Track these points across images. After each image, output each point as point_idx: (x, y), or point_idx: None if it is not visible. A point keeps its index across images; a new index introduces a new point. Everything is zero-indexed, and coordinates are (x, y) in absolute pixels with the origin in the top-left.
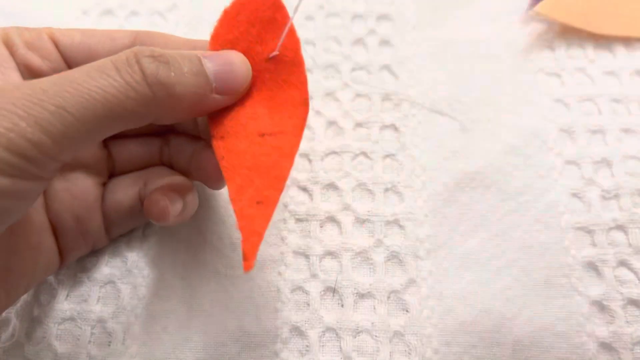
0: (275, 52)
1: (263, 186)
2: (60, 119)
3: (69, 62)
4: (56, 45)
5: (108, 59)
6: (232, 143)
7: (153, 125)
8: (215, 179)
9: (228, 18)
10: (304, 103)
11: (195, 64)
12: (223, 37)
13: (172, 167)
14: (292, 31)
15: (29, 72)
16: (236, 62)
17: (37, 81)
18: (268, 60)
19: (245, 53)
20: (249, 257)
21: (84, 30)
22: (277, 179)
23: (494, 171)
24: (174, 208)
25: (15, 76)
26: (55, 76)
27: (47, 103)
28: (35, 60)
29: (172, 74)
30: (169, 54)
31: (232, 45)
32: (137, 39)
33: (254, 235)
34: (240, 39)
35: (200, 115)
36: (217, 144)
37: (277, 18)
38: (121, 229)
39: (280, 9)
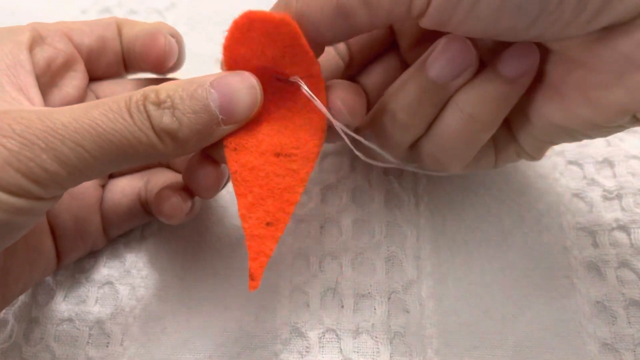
0: (295, 79)
1: (274, 208)
2: (77, 155)
3: (81, 50)
4: (69, 36)
5: (122, 100)
6: (246, 158)
7: None
8: (207, 189)
9: (239, 31)
10: (322, 129)
11: (200, 100)
12: (236, 51)
13: (169, 168)
14: (313, 58)
15: (46, 64)
16: (244, 88)
17: (59, 114)
18: (287, 82)
19: (259, 69)
20: (256, 277)
21: (86, 22)
22: (288, 202)
23: (494, 172)
24: (185, 206)
25: (29, 81)
26: (76, 109)
27: (67, 139)
28: (48, 52)
29: (175, 119)
30: (175, 95)
31: (245, 61)
32: (118, 24)
33: (261, 255)
34: (253, 56)
35: (208, 144)
36: (230, 156)
37: (294, 46)
38: (119, 230)
39: (299, 37)
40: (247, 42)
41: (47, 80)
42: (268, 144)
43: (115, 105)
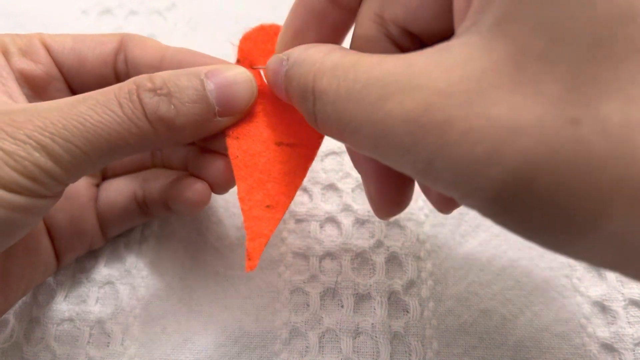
0: None
1: (275, 191)
2: (69, 152)
3: (60, 66)
4: (48, 50)
5: (112, 91)
6: (248, 145)
7: None
8: (223, 184)
9: (265, 32)
10: None
11: (198, 90)
12: (255, 43)
13: (167, 168)
14: None
15: (24, 78)
16: (240, 82)
17: (47, 112)
18: None
19: None
20: (252, 257)
21: (74, 36)
22: (289, 186)
23: None
24: (210, 192)
25: (13, 86)
26: (63, 106)
27: (57, 137)
28: (29, 66)
29: (172, 106)
30: (170, 83)
31: (260, 53)
32: (122, 42)
33: (260, 236)
34: (271, 51)
35: (205, 136)
36: (231, 143)
37: None
38: (116, 230)
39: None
40: (269, 41)
41: (28, 92)
42: (269, 135)
43: (103, 97)
